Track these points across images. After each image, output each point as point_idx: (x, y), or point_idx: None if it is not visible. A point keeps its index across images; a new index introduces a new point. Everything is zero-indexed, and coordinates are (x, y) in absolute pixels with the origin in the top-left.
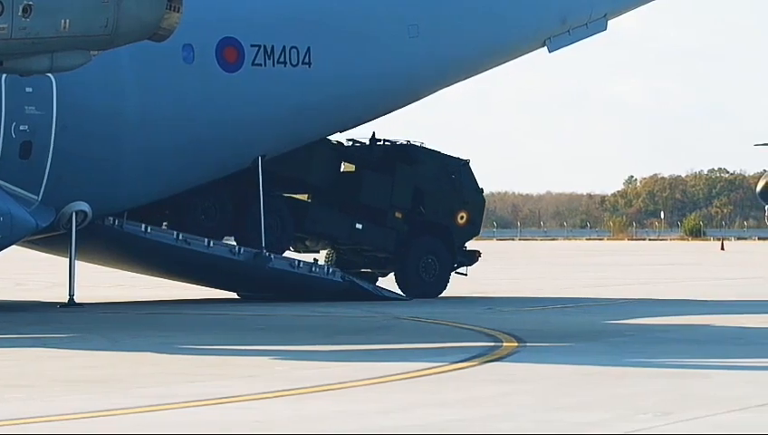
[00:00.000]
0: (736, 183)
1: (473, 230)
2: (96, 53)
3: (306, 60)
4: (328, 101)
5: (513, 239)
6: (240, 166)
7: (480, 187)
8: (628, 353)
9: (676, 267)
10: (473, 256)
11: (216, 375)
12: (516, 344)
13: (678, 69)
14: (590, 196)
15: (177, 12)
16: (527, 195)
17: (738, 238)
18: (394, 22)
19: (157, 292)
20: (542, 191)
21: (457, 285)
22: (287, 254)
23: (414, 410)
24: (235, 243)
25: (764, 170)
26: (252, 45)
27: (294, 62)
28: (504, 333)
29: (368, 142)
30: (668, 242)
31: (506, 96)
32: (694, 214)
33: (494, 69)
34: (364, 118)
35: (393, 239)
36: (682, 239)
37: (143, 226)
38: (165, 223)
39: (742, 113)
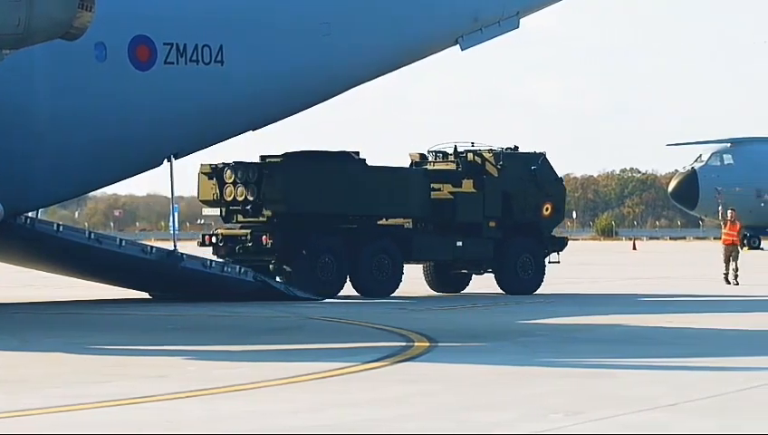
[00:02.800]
0: (648, 183)
1: (558, 218)
2: (8, 51)
3: (219, 58)
4: (240, 100)
5: None
6: (152, 165)
7: (559, 176)
8: (539, 353)
9: (587, 267)
10: (562, 242)
11: (127, 375)
12: (428, 344)
13: (590, 68)
14: None
15: (90, 11)
16: None
17: (650, 238)
18: (306, 20)
19: (69, 292)
20: None
21: None
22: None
23: (325, 410)
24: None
25: (676, 170)
26: (164, 44)
27: (207, 61)
28: (415, 332)
29: (451, 155)
30: (580, 242)
31: (419, 95)
32: (606, 214)
33: (407, 67)
34: (277, 116)
35: (491, 248)
36: (594, 239)
37: (55, 224)
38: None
39: (653, 113)
